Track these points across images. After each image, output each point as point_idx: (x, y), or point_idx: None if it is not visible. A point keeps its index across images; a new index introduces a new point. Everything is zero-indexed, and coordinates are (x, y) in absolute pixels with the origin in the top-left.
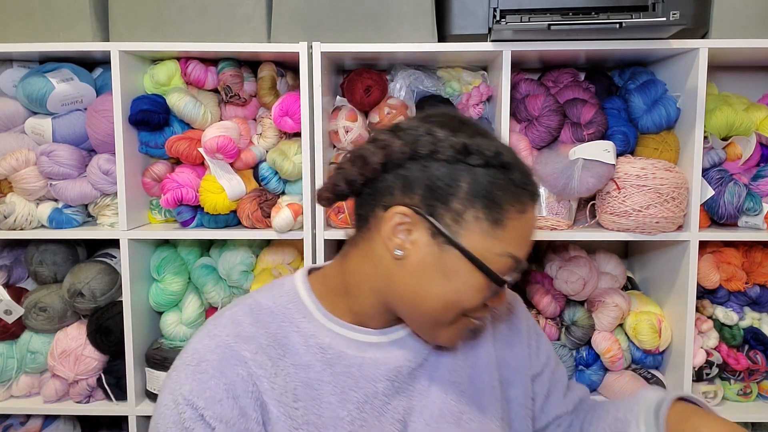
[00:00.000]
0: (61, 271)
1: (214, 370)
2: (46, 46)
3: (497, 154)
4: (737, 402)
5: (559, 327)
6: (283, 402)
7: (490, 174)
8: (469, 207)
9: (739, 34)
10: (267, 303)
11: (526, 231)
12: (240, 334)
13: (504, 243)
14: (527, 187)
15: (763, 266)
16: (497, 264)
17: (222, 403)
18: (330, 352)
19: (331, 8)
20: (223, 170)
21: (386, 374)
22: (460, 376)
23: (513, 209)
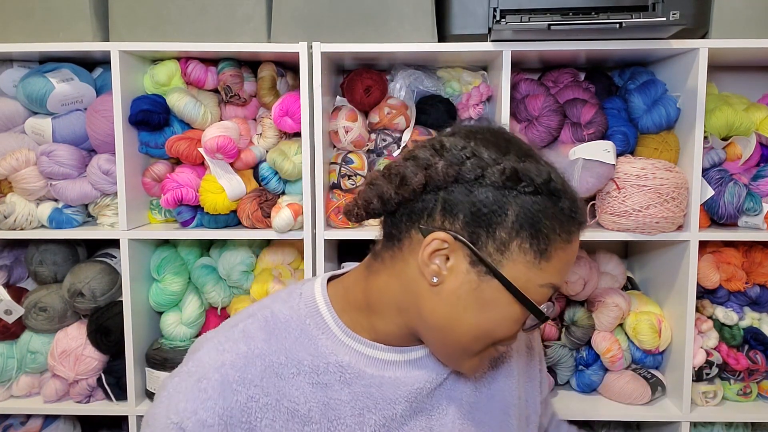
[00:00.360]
0: (61, 271)
1: (213, 391)
2: (46, 46)
3: (547, 181)
4: (737, 402)
5: (559, 327)
6: (288, 427)
7: (539, 202)
8: (515, 237)
9: (739, 34)
10: (284, 315)
11: (570, 260)
12: (250, 353)
13: (547, 274)
14: (575, 215)
15: (763, 266)
16: (537, 295)
17: (211, 429)
18: (349, 372)
19: (331, 8)
20: (223, 170)
21: (406, 395)
22: (478, 397)
23: (560, 239)
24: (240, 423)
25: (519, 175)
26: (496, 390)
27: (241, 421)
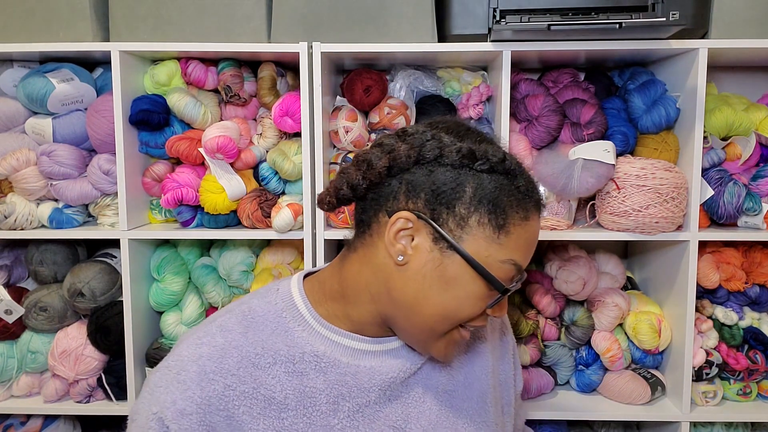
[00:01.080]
0: (61, 271)
1: (193, 382)
2: (46, 46)
3: (503, 161)
4: (737, 402)
5: (559, 327)
6: (265, 414)
7: (496, 180)
8: (474, 212)
9: (739, 34)
10: (261, 309)
11: (530, 239)
12: (227, 345)
13: (507, 250)
14: (532, 195)
15: (762, 266)
16: (500, 271)
17: (189, 418)
18: (325, 360)
19: (331, 8)
20: (223, 170)
21: (380, 384)
22: (454, 385)
23: (517, 216)
24: (218, 411)
25: (475, 154)
26: (473, 378)
27: (219, 409)
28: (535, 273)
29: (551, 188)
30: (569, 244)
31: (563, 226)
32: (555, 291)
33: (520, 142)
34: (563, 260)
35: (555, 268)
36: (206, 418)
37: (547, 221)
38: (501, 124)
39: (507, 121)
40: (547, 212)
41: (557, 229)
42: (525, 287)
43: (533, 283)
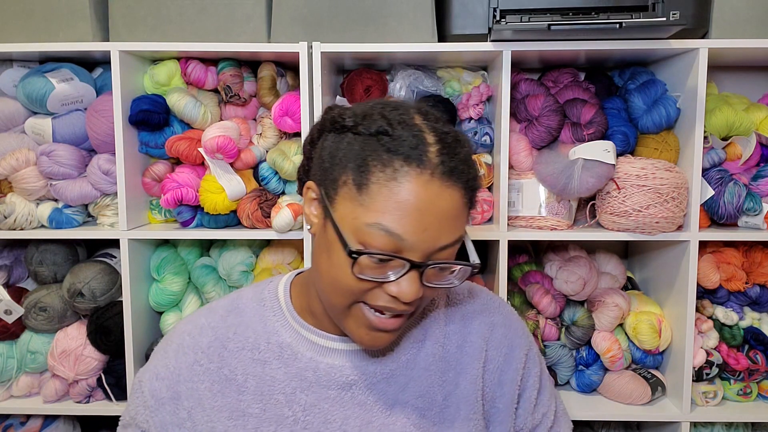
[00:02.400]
0: (61, 271)
1: (172, 352)
2: (46, 46)
3: (373, 120)
4: (737, 402)
5: (559, 327)
6: (225, 393)
7: (362, 140)
8: (341, 174)
9: (739, 34)
10: (248, 297)
11: (401, 201)
12: (206, 325)
13: (372, 212)
14: (401, 152)
15: (763, 266)
16: (369, 237)
17: (161, 382)
18: (288, 352)
19: (331, 8)
20: (223, 170)
21: (339, 382)
22: (429, 404)
23: (382, 175)
24: (185, 381)
25: (343, 116)
26: (451, 401)
27: (186, 380)
28: (535, 273)
29: (551, 188)
30: (569, 244)
31: (563, 226)
32: (555, 291)
33: (520, 142)
34: (563, 260)
35: (555, 268)
36: (174, 385)
37: (547, 221)
38: (501, 124)
39: (507, 121)
40: (547, 212)
41: (557, 229)
42: (525, 287)
43: (533, 284)
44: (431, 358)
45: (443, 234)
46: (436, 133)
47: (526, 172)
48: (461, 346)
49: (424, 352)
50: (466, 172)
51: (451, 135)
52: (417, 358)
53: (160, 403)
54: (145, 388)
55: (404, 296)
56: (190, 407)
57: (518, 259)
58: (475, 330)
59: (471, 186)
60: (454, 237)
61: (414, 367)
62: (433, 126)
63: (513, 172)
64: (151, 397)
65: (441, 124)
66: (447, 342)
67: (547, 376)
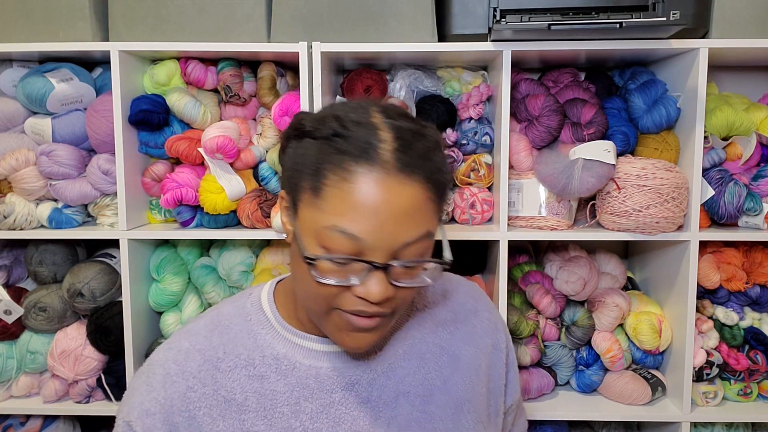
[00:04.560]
0: (60, 271)
1: (158, 384)
2: (46, 46)
3: (326, 124)
4: (737, 402)
5: (559, 327)
6: (227, 416)
7: (318, 144)
8: (301, 179)
9: (739, 34)
10: (229, 313)
11: (356, 202)
12: (191, 348)
13: (328, 215)
14: (350, 150)
15: (763, 266)
16: (329, 241)
17: (153, 417)
18: (285, 363)
19: (331, 8)
20: (223, 170)
21: (342, 385)
22: (430, 390)
23: (334, 177)
24: (180, 411)
25: (302, 122)
26: (452, 384)
27: (181, 410)
28: (535, 273)
29: (551, 188)
30: (569, 244)
31: (563, 226)
32: (555, 291)
33: (520, 141)
34: (563, 260)
35: (555, 268)
36: (169, 418)
37: (547, 221)
38: (501, 124)
39: (507, 121)
40: (547, 212)
41: (557, 229)
42: (525, 287)
43: (533, 284)
44: (425, 346)
45: (403, 231)
46: (394, 128)
47: (526, 172)
48: (453, 333)
49: (417, 341)
50: (426, 165)
51: (412, 129)
52: (413, 349)
53: None
54: (137, 427)
55: (371, 297)
56: None
57: (518, 259)
58: (462, 318)
59: (435, 179)
60: (418, 233)
61: (411, 357)
62: (392, 122)
63: (513, 172)
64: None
65: (403, 120)
66: (440, 330)
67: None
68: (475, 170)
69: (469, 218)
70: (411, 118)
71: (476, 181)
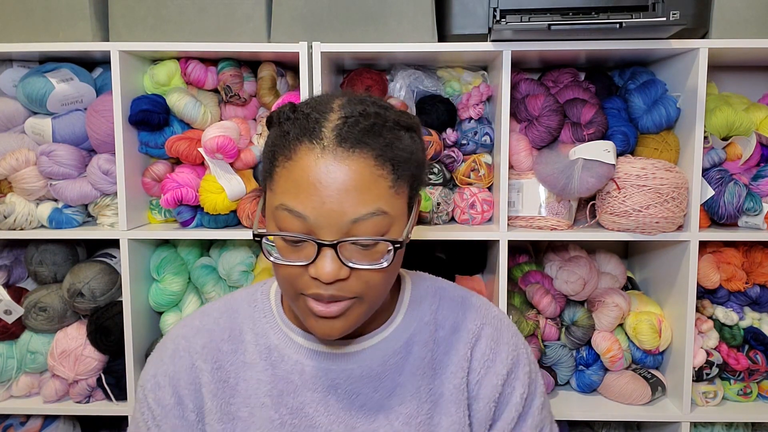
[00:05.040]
0: (61, 271)
1: (168, 359)
2: (46, 46)
3: (282, 111)
4: (737, 402)
5: (559, 327)
6: (218, 396)
7: (275, 131)
8: (264, 167)
9: (739, 34)
10: (240, 299)
11: (298, 178)
12: (200, 328)
13: (277, 194)
14: (295, 132)
15: (763, 266)
16: (280, 220)
17: (163, 390)
18: (275, 354)
19: (331, 8)
20: (223, 170)
21: (324, 385)
22: (415, 410)
23: (282, 158)
24: (186, 384)
25: (270, 116)
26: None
27: (187, 383)
28: (535, 273)
29: (551, 188)
30: (569, 244)
31: (563, 226)
32: (555, 291)
33: (520, 141)
34: (563, 260)
35: (555, 268)
36: (176, 390)
37: (547, 221)
38: (501, 124)
39: (507, 121)
40: (547, 212)
41: (557, 229)
42: (525, 287)
43: (533, 284)
44: (419, 363)
45: (348, 207)
46: (345, 110)
47: (526, 172)
48: (448, 354)
49: (412, 357)
50: (373, 141)
51: (366, 111)
52: (405, 364)
53: (167, 410)
54: (150, 397)
55: (323, 277)
56: (197, 409)
57: (518, 259)
58: (462, 339)
59: (386, 156)
60: (367, 209)
61: (402, 372)
62: (348, 107)
63: (513, 172)
64: (157, 405)
65: (363, 105)
66: (436, 348)
67: (539, 404)
68: (475, 170)
69: (469, 218)
70: (375, 103)
71: (476, 181)
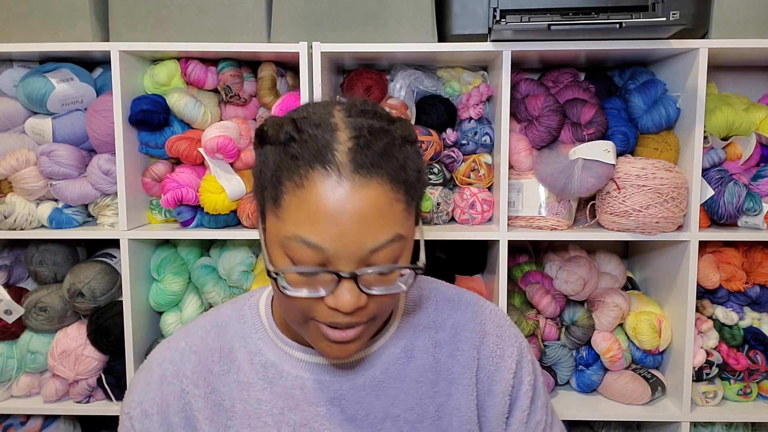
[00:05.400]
0: (61, 271)
1: (155, 384)
2: (46, 46)
3: (283, 128)
4: (737, 402)
5: (559, 327)
6: (215, 420)
7: (276, 151)
8: (266, 188)
9: (739, 34)
10: (227, 315)
11: (312, 209)
12: (187, 350)
13: (289, 224)
14: (304, 155)
15: (763, 266)
16: (292, 251)
17: (151, 419)
18: (272, 371)
19: (331, 8)
20: (223, 170)
21: (327, 398)
22: (421, 414)
23: (290, 184)
24: (176, 412)
25: (263, 128)
26: (443, 414)
27: (177, 410)
28: (535, 273)
29: (551, 188)
30: (569, 244)
31: (563, 226)
32: (555, 291)
33: (520, 142)
34: (563, 260)
35: (555, 268)
36: (166, 418)
37: (547, 221)
38: (501, 124)
39: (507, 121)
40: (547, 212)
41: (557, 229)
42: (525, 287)
43: (533, 284)
44: (421, 368)
45: (368, 236)
46: (353, 127)
47: (526, 172)
48: (452, 355)
49: (414, 362)
50: (388, 164)
51: (373, 126)
52: (407, 369)
53: None
54: (137, 427)
55: (343, 308)
56: None
57: (518, 259)
58: (465, 338)
59: (400, 178)
60: (385, 237)
61: (404, 378)
62: (352, 120)
63: (513, 172)
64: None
65: (366, 117)
66: (437, 351)
67: (541, 384)
68: (475, 170)
69: (469, 218)
70: (376, 114)
71: (476, 181)
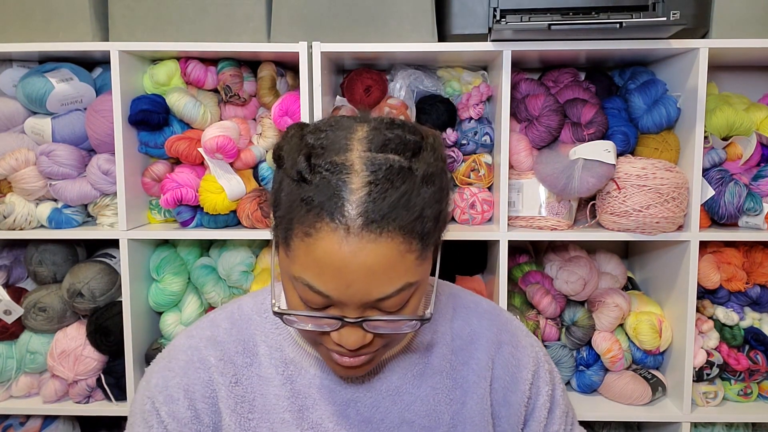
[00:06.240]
0: (60, 271)
1: (179, 369)
2: (46, 46)
3: (297, 162)
4: (737, 402)
5: (560, 327)
6: (238, 411)
7: (289, 184)
8: (277, 219)
9: (739, 34)
10: (248, 309)
11: (320, 260)
12: (212, 339)
13: (296, 266)
14: (314, 202)
15: (763, 266)
16: (300, 289)
17: (178, 403)
18: (292, 368)
19: (331, 8)
20: (222, 170)
21: (344, 399)
22: (437, 421)
23: (299, 228)
24: (203, 398)
25: (280, 149)
26: (459, 420)
27: (204, 396)
28: (535, 273)
29: (551, 188)
30: (570, 244)
31: (564, 226)
32: (555, 291)
33: (520, 142)
34: (564, 260)
35: (555, 268)
36: (193, 404)
37: (547, 221)
38: (501, 124)
39: (507, 121)
40: (547, 212)
41: (557, 229)
42: (525, 288)
43: (533, 284)
44: (438, 375)
45: (374, 288)
46: (370, 169)
47: (526, 172)
48: (467, 363)
49: (430, 368)
50: (403, 216)
51: (392, 169)
52: (423, 375)
53: (183, 423)
54: (162, 411)
55: (347, 346)
56: (213, 424)
57: (518, 260)
58: (482, 347)
59: (415, 230)
60: (394, 288)
61: (421, 384)
62: (372, 157)
63: (513, 172)
64: (172, 419)
65: (387, 150)
66: (454, 359)
67: (561, 393)
68: (475, 170)
69: (469, 218)
70: (400, 142)
71: (476, 181)
